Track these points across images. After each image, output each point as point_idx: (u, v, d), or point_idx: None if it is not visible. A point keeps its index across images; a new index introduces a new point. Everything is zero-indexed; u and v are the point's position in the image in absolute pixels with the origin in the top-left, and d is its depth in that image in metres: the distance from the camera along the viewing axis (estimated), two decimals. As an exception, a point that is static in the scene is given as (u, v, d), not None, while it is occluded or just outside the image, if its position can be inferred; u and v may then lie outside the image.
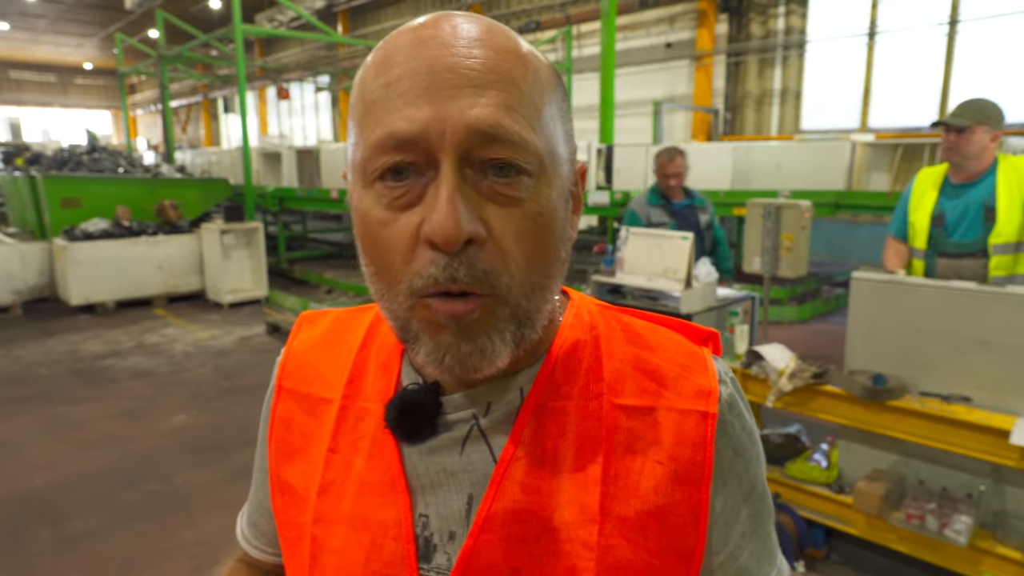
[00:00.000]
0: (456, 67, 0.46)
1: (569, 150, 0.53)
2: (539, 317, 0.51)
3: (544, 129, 0.49)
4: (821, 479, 2.72)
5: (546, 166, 0.49)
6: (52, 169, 8.52)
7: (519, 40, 0.51)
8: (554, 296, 0.53)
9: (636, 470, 0.53)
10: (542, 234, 0.49)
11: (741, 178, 7.24)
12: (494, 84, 0.46)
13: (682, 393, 0.55)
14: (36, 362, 5.75)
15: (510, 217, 0.47)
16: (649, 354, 0.57)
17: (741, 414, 0.57)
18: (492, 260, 0.47)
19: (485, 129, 0.45)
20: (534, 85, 0.49)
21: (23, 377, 5.36)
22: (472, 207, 0.46)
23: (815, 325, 6.83)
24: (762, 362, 2.68)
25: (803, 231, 2.89)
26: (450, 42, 0.47)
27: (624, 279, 2.93)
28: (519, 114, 0.47)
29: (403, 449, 0.56)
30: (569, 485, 0.52)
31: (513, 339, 0.50)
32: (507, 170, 0.47)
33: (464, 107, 0.45)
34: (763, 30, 10.30)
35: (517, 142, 0.46)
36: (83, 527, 3.15)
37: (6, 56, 27.14)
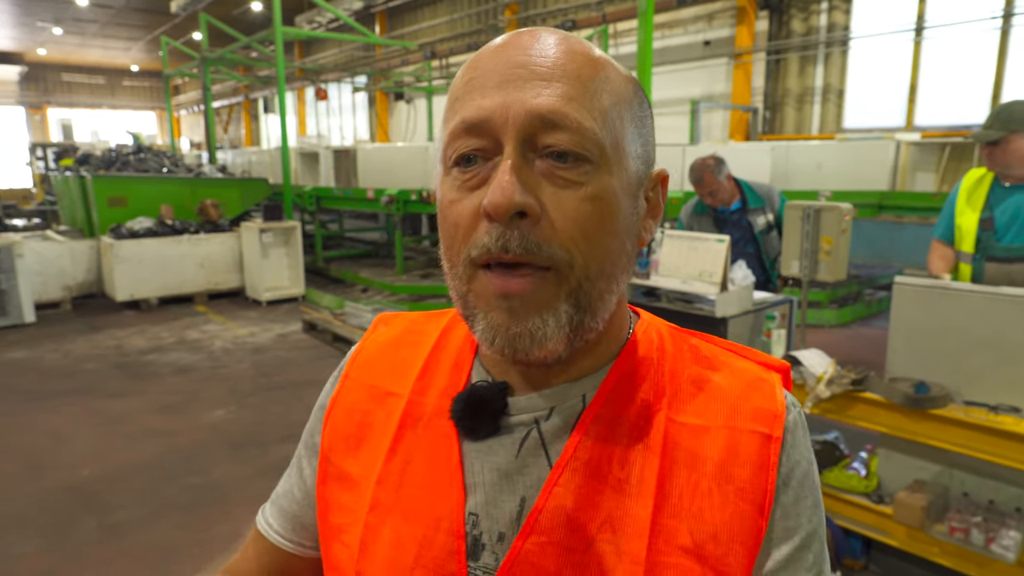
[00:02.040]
0: (527, 64, 0.51)
1: (642, 151, 0.55)
2: (601, 306, 0.53)
3: (608, 123, 0.51)
4: (860, 488, 2.66)
5: (608, 156, 0.51)
6: (100, 169, 8.80)
7: (595, 49, 0.54)
8: (619, 287, 0.54)
9: (691, 488, 0.53)
10: (601, 218, 0.51)
11: (780, 178, 7.10)
12: (560, 78, 0.50)
13: (744, 414, 0.55)
14: (84, 356, 5.94)
15: (567, 198, 0.50)
16: (713, 374, 0.58)
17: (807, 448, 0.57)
18: (546, 234, 0.49)
19: (545, 114, 0.49)
20: (602, 85, 0.52)
21: (71, 370, 5.55)
22: (530, 184, 0.49)
23: (856, 329, 6.67)
24: (800, 367, 2.63)
25: (843, 234, 2.82)
26: (527, 46, 0.52)
27: (659, 282, 2.90)
28: (581, 105, 0.50)
29: (463, 445, 0.57)
30: (622, 497, 0.52)
31: (569, 322, 0.51)
32: (566, 156, 0.50)
33: (529, 96, 0.50)
34: (805, 27, 10.08)
35: (576, 128, 0.49)
36: (126, 517, 3.25)
37: (59, 60, 28.12)
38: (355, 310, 6.55)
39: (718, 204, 3.34)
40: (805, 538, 0.54)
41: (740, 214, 3.35)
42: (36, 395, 4.98)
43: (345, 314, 6.69)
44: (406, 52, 14.23)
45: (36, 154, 18.25)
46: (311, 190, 9.76)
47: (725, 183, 3.28)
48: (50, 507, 3.36)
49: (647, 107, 0.57)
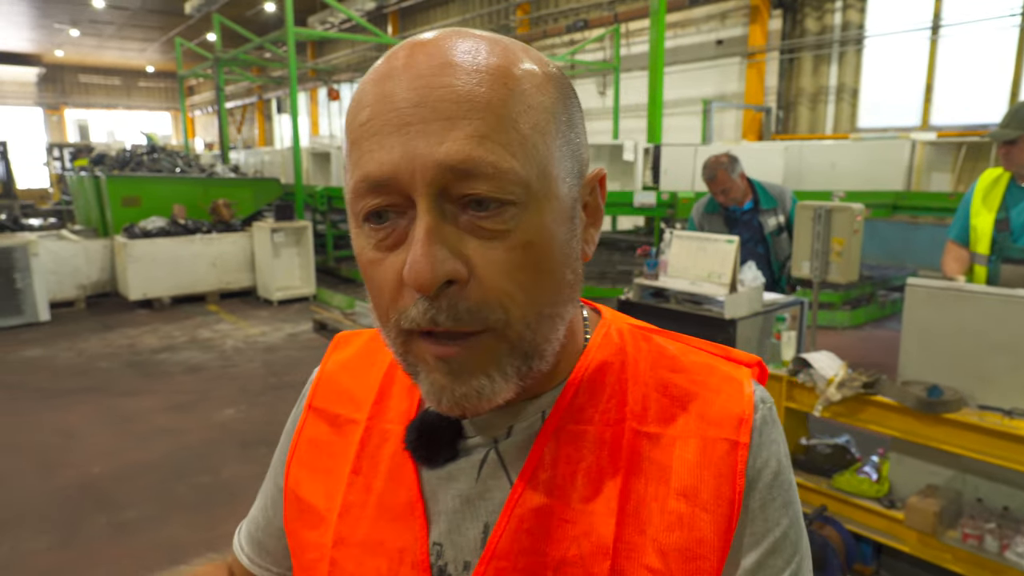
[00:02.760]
0: (425, 100, 0.44)
1: (572, 165, 0.50)
2: (548, 347, 0.50)
3: (531, 153, 0.46)
4: (871, 493, 2.62)
5: (534, 191, 0.46)
6: (114, 169, 8.88)
7: (504, 54, 0.47)
8: (564, 322, 0.51)
9: (658, 503, 0.50)
10: (536, 263, 0.47)
11: (793, 178, 7.04)
12: (466, 114, 0.44)
13: (710, 420, 0.52)
14: (97, 355, 5.99)
15: (495, 251, 0.45)
16: (678, 377, 0.55)
17: (776, 440, 0.54)
18: (477, 297, 0.45)
19: (456, 165, 0.43)
20: (518, 107, 0.46)
21: (85, 369, 5.60)
22: (452, 245, 0.45)
23: (869, 331, 6.60)
24: (810, 370, 2.59)
25: (855, 235, 2.78)
26: (423, 71, 0.45)
27: (667, 282, 2.88)
28: (495, 143, 0.44)
29: (422, 473, 0.55)
30: (585, 515, 0.50)
31: (517, 373, 0.48)
32: (487, 203, 0.45)
33: (433, 144, 0.44)
34: (819, 25, 10.00)
35: (493, 174, 0.44)
36: (136, 515, 3.27)
37: (76, 61, 28.43)
38: (365, 310, 6.56)
39: (730, 203, 3.31)
40: (774, 543, 0.51)
41: (752, 214, 3.32)
42: (50, 393, 5.03)
43: (355, 314, 6.71)
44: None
45: (53, 154, 18.47)
46: (322, 190, 9.80)
47: (738, 181, 3.25)
48: (61, 504, 3.39)
49: (574, 103, 0.51)
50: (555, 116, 0.48)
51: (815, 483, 2.76)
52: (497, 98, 0.45)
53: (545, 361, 0.50)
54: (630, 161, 8.37)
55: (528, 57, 0.49)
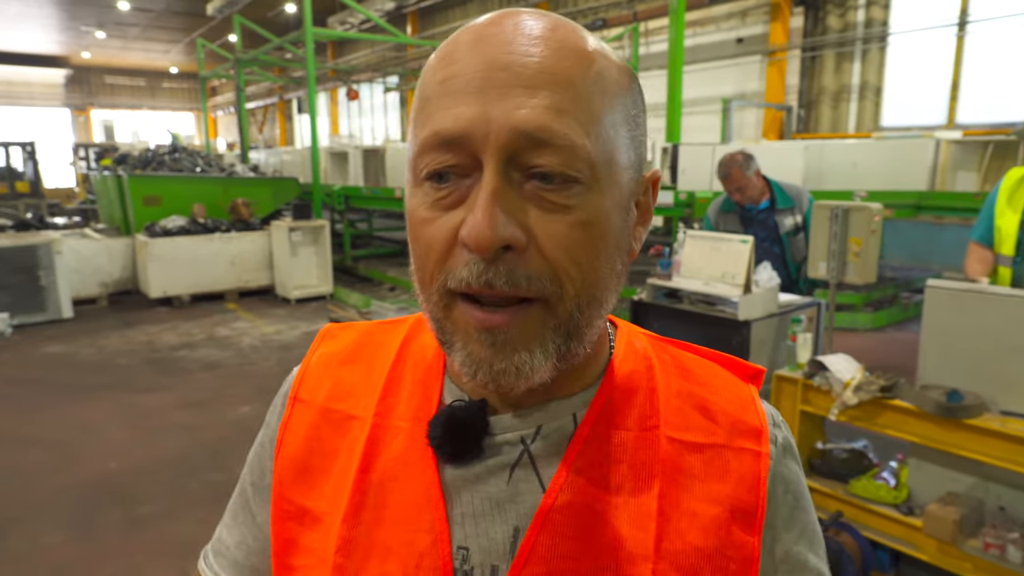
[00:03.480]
0: (510, 65, 0.44)
1: (634, 158, 0.50)
2: (590, 332, 0.49)
3: (602, 135, 0.46)
4: (888, 499, 2.56)
5: (600, 174, 0.46)
6: (137, 169, 9.00)
7: (587, 38, 0.48)
8: (607, 311, 0.51)
9: (691, 508, 0.50)
10: (593, 244, 0.46)
11: (814, 178, 6.94)
12: (548, 84, 0.44)
13: (735, 431, 0.54)
14: (117, 351, 6.07)
15: (556, 224, 0.45)
16: (701, 390, 0.56)
17: (797, 459, 0.57)
18: (535, 266, 0.45)
19: (532, 132, 0.43)
20: (595, 86, 0.46)
21: (105, 365, 5.68)
22: (514, 212, 0.44)
23: (891, 333, 6.48)
24: (826, 373, 2.54)
25: (873, 235, 2.72)
26: (509, 39, 0.45)
27: (681, 283, 2.84)
28: (572, 117, 0.44)
29: (443, 473, 0.52)
30: (623, 520, 0.50)
31: (557, 352, 0.47)
32: (553, 177, 0.44)
33: (512, 107, 0.43)
34: (841, 23, 9.85)
35: (566, 147, 0.44)
36: (150, 511, 3.30)
37: (102, 62, 28.91)
38: (381, 309, 6.58)
39: (746, 201, 3.26)
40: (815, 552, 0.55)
41: (767, 213, 3.26)
42: (71, 388, 5.11)
43: (371, 313, 6.73)
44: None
45: (79, 154, 18.79)
46: (340, 189, 9.85)
47: (754, 179, 3.20)
48: (78, 499, 3.43)
49: (641, 100, 0.51)
50: (625, 107, 0.49)
51: (831, 488, 2.70)
52: (579, 76, 0.45)
53: (583, 346, 0.49)
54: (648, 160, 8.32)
55: (605, 50, 0.49)
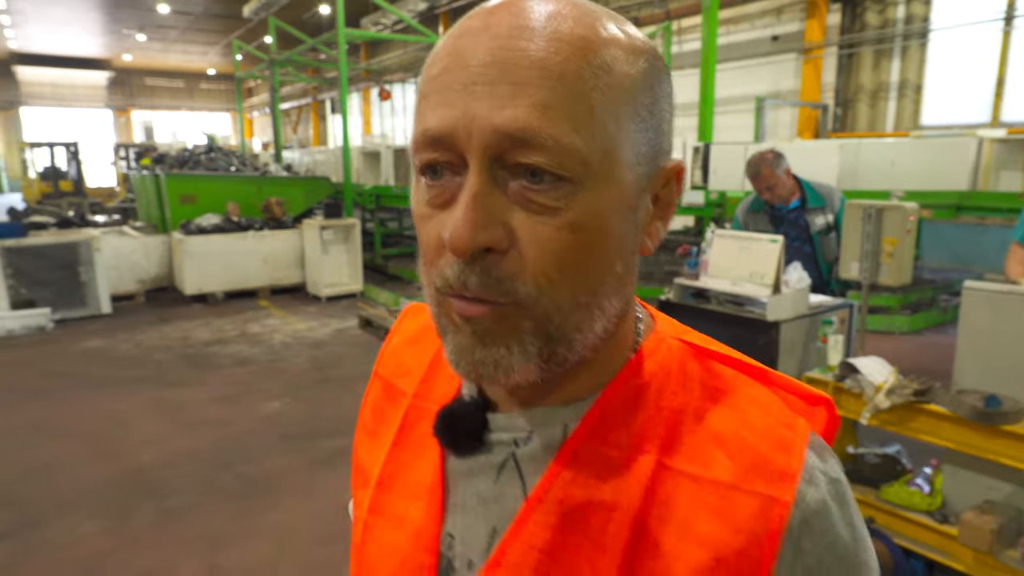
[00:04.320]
0: (496, 61, 0.43)
1: (647, 151, 0.47)
2: (578, 336, 0.46)
3: (598, 131, 0.43)
4: (922, 506, 2.49)
5: (594, 172, 0.43)
6: (174, 168, 9.20)
7: (597, 25, 0.45)
8: (605, 315, 0.47)
9: (672, 549, 0.45)
10: (583, 247, 0.44)
11: (849, 178, 6.79)
12: (535, 81, 0.42)
13: (750, 469, 0.46)
14: (153, 346, 6.22)
15: (542, 227, 0.43)
16: (725, 413, 0.49)
17: (834, 528, 0.45)
18: (512, 269, 0.43)
19: (514, 132, 0.42)
20: (594, 80, 0.43)
21: (141, 360, 5.81)
22: (497, 213, 0.43)
23: (929, 337, 6.31)
24: (857, 375, 2.48)
25: (908, 235, 2.64)
26: (501, 32, 0.43)
27: (708, 283, 2.80)
28: (560, 115, 0.42)
29: (449, 461, 0.55)
30: (591, 546, 0.47)
31: (539, 354, 0.45)
32: (541, 176, 0.43)
33: (495, 107, 0.42)
34: (880, 19, 9.62)
35: (551, 147, 0.42)
36: (181, 503, 3.37)
37: (143, 65, 29.66)
38: (409, 307, 6.63)
39: (776, 201, 3.20)
40: None
41: (798, 213, 3.20)
42: (107, 382, 5.24)
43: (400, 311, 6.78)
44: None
45: (120, 154, 19.29)
46: (371, 188, 9.94)
47: (784, 178, 3.14)
48: (113, 490, 3.52)
49: (663, 87, 0.48)
50: (635, 98, 0.45)
51: (862, 494, 2.64)
52: (572, 69, 0.43)
53: (573, 351, 0.47)
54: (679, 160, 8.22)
55: (620, 31, 0.46)
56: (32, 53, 27.16)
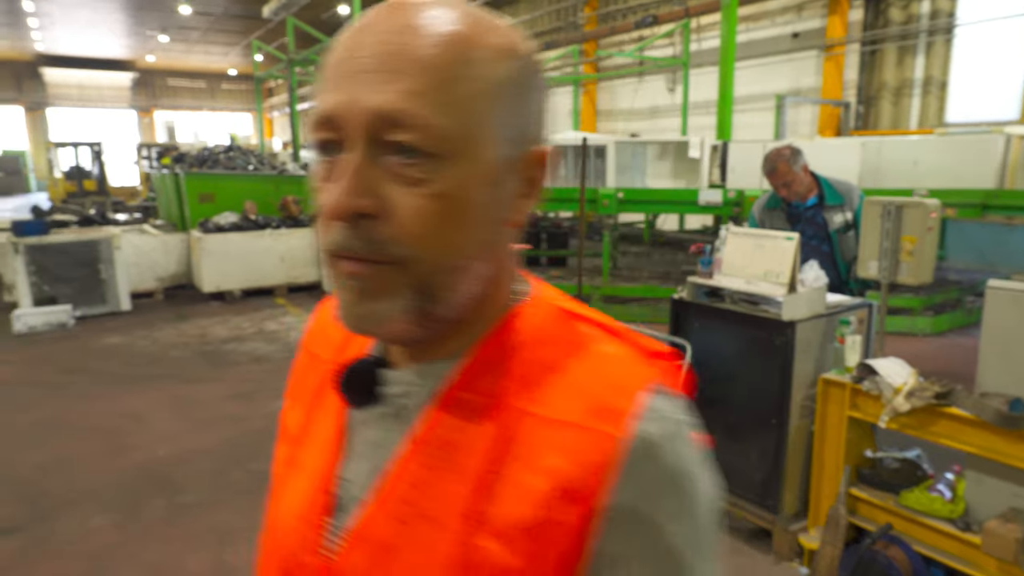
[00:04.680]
0: (378, 53, 0.50)
1: (513, 134, 0.54)
2: (450, 295, 0.54)
3: (462, 115, 0.50)
4: (944, 513, 2.41)
5: (457, 149, 0.50)
6: (193, 167, 9.29)
7: (469, 25, 0.52)
8: (475, 277, 0.55)
9: (522, 480, 0.52)
10: (448, 214, 0.51)
11: (871, 176, 6.67)
12: (409, 70, 0.49)
13: (592, 410, 0.52)
14: (171, 343, 6.27)
15: (411, 196, 0.50)
16: (579, 364, 0.56)
17: (667, 462, 0.51)
18: (387, 233, 0.50)
19: (387, 114, 0.49)
20: (461, 70, 0.50)
21: (159, 356, 5.87)
22: (372, 184, 0.50)
23: (953, 339, 6.17)
24: (876, 377, 2.41)
25: (928, 233, 2.56)
26: (382, 28, 0.51)
27: (722, 281, 2.74)
28: (428, 100, 0.49)
29: (352, 414, 0.62)
30: (457, 480, 0.53)
31: (416, 310, 0.52)
32: (410, 152, 0.49)
33: (373, 92, 0.49)
34: (904, 15, 9.44)
35: (419, 127, 0.49)
36: (192, 499, 3.38)
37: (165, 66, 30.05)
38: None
39: (793, 198, 3.13)
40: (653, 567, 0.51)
41: (816, 210, 3.12)
42: (125, 378, 5.29)
43: (414, 309, 6.78)
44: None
45: (142, 154, 19.54)
46: (388, 187, 9.95)
47: (801, 175, 3.07)
48: (125, 485, 3.54)
49: (534, 81, 0.56)
50: (502, 88, 0.52)
51: (881, 499, 2.57)
52: (443, 61, 0.50)
53: (445, 308, 0.54)
54: (696, 158, 8.12)
55: (497, 33, 0.53)
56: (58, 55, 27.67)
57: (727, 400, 2.94)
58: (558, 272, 8.63)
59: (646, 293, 7.31)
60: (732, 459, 2.97)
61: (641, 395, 0.53)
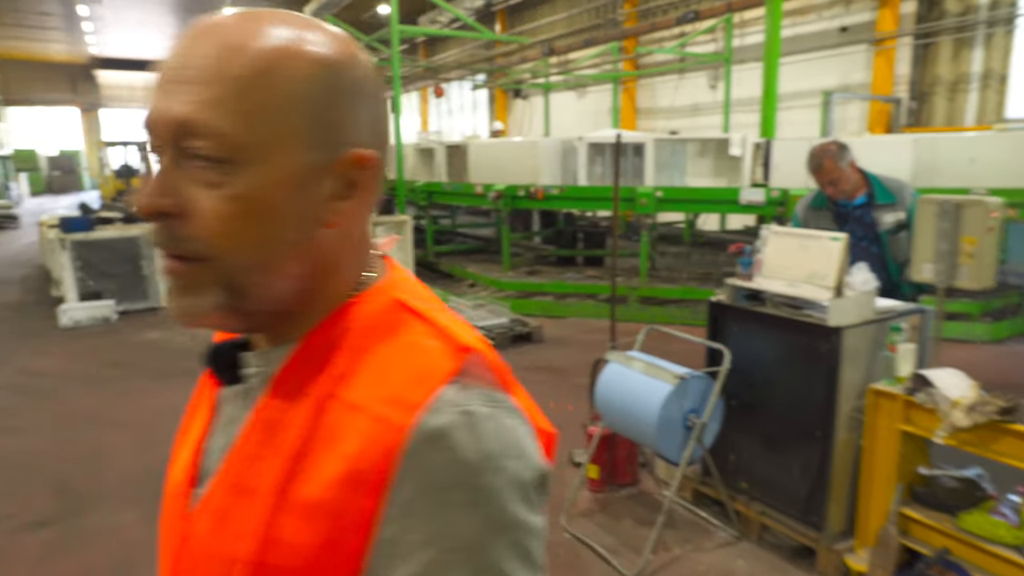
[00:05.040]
0: (181, 65, 0.54)
1: (318, 141, 0.56)
2: (258, 291, 0.57)
3: (257, 124, 0.53)
4: (1008, 539, 2.23)
5: (253, 156, 0.54)
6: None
7: (273, 39, 0.55)
8: (286, 275, 0.58)
9: (323, 462, 0.55)
10: (247, 215, 0.54)
11: (924, 175, 6.35)
12: (205, 81, 0.53)
13: (388, 399, 0.55)
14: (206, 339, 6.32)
15: (210, 199, 0.54)
16: (392, 355, 0.58)
17: (453, 451, 0.52)
18: (190, 231, 0.54)
19: (183, 122, 0.53)
20: (260, 82, 0.53)
21: (195, 352, 5.91)
22: (174, 186, 0.54)
23: (1013, 346, 5.84)
24: (931, 389, 2.24)
25: (990, 234, 2.37)
26: (192, 42, 0.55)
27: (762, 284, 2.59)
28: (222, 109, 0.52)
29: (221, 392, 0.66)
30: (276, 458, 0.57)
31: (224, 304, 0.56)
32: (208, 159, 0.53)
33: (172, 102, 0.53)
34: (961, 6, 9.01)
35: (212, 135, 0.53)
36: (219, 497, 3.36)
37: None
38: (457, 304, 6.55)
39: (839, 196, 2.96)
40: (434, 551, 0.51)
41: (864, 209, 2.94)
42: (162, 373, 5.35)
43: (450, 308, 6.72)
44: (523, 48, 14.22)
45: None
46: (423, 185, 9.94)
47: (848, 172, 2.89)
48: (156, 481, 3.54)
49: (354, 88, 0.58)
50: (307, 99, 0.55)
51: (936, 521, 2.39)
52: (240, 73, 0.53)
53: (258, 303, 0.57)
54: (737, 156, 7.88)
55: (309, 45, 0.56)
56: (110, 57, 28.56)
57: (767, 408, 2.78)
58: (594, 272, 8.48)
59: (684, 295, 7.12)
60: (772, 470, 2.81)
61: (436, 387, 0.54)
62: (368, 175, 0.59)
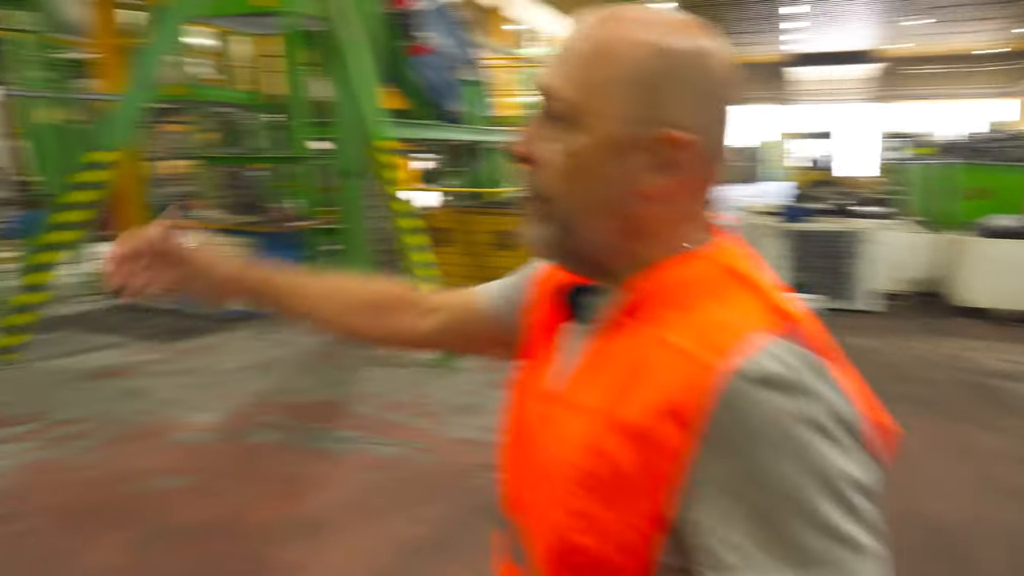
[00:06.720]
0: (563, 46, 0.68)
1: (640, 116, 0.64)
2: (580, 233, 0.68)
3: (592, 93, 0.64)
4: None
5: (581, 120, 0.65)
6: (961, 158, 8.03)
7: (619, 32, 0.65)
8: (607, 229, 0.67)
9: (645, 390, 0.60)
10: (571, 169, 0.66)
11: None
12: (566, 59, 0.66)
13: (709, 344, 0.59)
14: (921, 359, 5.44)
15: (552, 151, 0.67)
16: (715, 310, 0.63)
17: (769, 400, 0.55)
18: (540, 176, 0.68)
19: (547, 87, 0.67)
20: (601, 62, 0.64)
21: (907, 374, 5.10)
22: (539, 138, 0.68)
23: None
24: None
25: None
26: (574, 29, 0.68)
27: None
28: (570, 80, 0.65)
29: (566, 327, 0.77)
30: (604, 384, 0.65)
31: (556, 238, 0.69)
32: (556, 118, 0.66)
33: (549, 73, 0.68)
34: None
35: (561, 99, 0.66)
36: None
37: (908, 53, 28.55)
38: None
39: None
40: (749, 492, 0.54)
41: None
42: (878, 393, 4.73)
43: None
44: None
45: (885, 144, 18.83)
46: None
47: None
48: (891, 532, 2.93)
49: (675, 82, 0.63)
50: (636, 80, 0.64)
51: None
52: (588, 54, 0.65)
53: (580, 244, 0.68)
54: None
55: (648, 37, 0.64)
56: (801, 53, 29.68)
57: None
58: None
59: None
60: None
61: (757, 340, 0.58)
62: (686, 157, 0.65)
